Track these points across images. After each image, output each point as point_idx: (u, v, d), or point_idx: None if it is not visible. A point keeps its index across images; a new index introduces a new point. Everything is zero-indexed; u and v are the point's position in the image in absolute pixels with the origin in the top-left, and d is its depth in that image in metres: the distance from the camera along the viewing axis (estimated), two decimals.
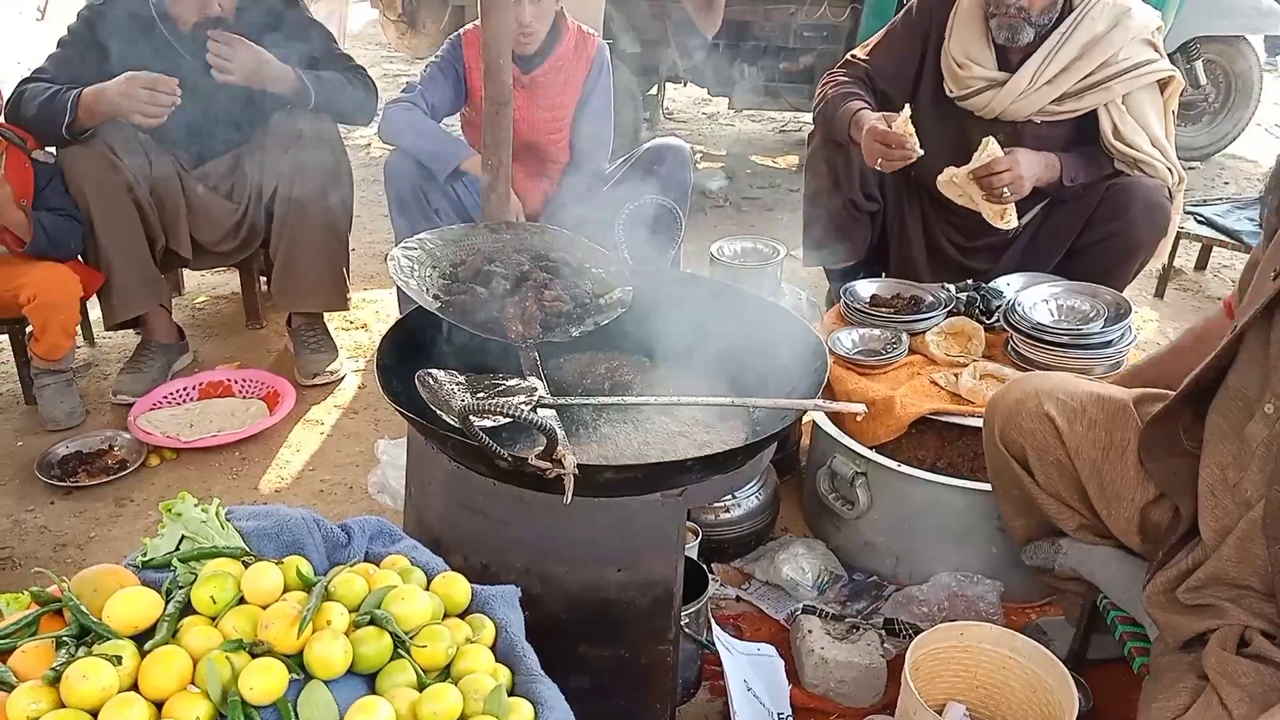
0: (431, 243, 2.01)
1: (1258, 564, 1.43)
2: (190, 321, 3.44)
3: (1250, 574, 1.44)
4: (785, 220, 4.59)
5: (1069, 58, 2.58)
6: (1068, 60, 2.58)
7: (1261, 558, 1.42)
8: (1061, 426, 1.73)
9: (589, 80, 3.04)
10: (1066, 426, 1.73)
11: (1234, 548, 1.45)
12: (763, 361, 1.90)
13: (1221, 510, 1.49)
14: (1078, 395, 1.75)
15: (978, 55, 2.65)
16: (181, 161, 2.95)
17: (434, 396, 1.60)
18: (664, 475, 1.55)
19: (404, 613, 1.09)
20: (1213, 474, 1.51)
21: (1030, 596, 2.21)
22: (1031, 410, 1.77)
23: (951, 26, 2.69)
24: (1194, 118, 5.37)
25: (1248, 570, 1.44)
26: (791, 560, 2.23)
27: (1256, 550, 1.42)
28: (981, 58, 2.65)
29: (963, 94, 2.68)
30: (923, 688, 1.77)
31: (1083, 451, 1.72)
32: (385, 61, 7.64)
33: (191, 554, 1.13)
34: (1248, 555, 1.44)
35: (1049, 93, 2.61)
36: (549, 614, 1.61)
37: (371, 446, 2.66)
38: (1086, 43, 2.57)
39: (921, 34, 2.77)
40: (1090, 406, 1.73)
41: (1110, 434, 1.71)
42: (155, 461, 2.68)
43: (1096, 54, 2.57)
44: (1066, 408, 1.74)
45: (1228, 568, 1.46)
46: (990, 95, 2.64)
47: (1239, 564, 1.45)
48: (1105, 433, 1.71)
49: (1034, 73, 2.58)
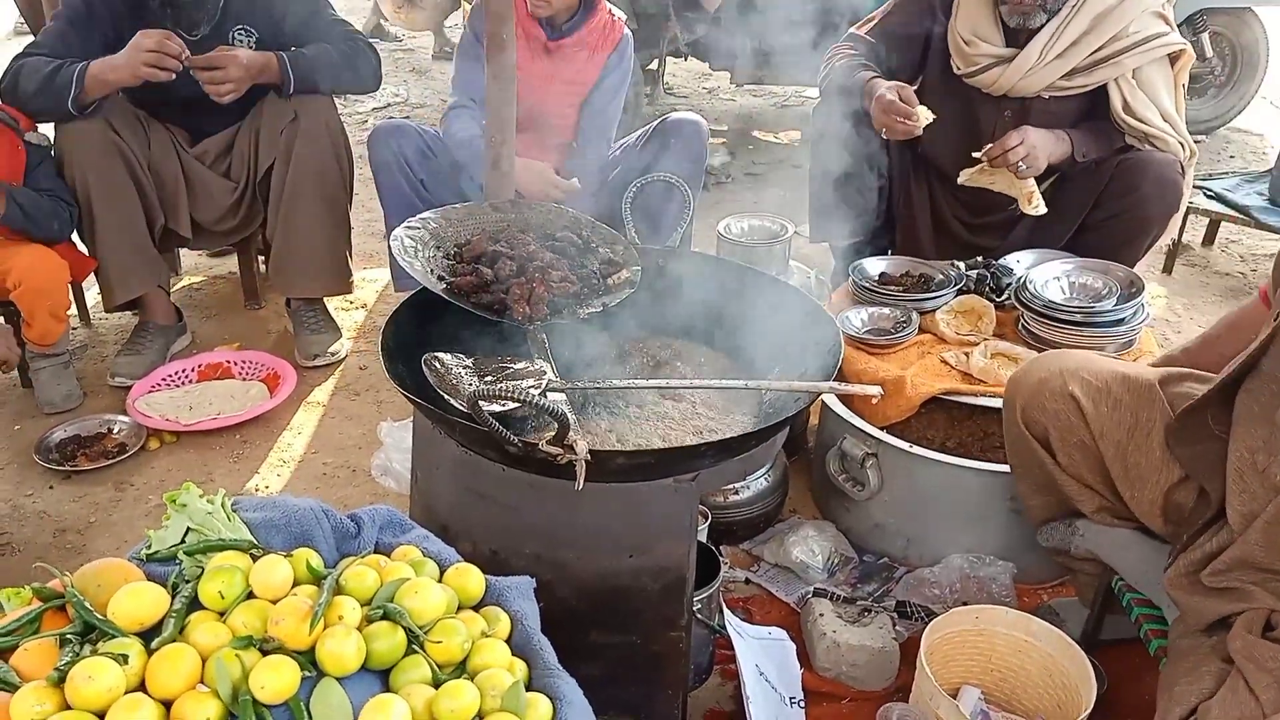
0: (435, 222, 1.97)
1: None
2: (188, 302, 3.39)
3: (1278, 557, 1.42)
4: (789, 196, 4.53)
5: (1079, 31, 2.52)
6: (1077, 34, 2.53)
7: None
8: (1086, 407, 1.70)
9: (609, 63, 3.01)
10: (1092, 407, 1.70)
11: (1261, 532, 1.43)
12: (775, 342, 1.87)
13: (1250, 494, 1.46)
14: (1103, 375, 1.72)
15: (985, 32, 2.60)
16: (179, 139, 2.89)
17: (441, 381, 1.57)
18: (677, 460, 1.52)
19: (417, 606, 1.06)
20: (1241, 458, 1.48)
21: (1042, 577, 2.19)
22: (1055, 390, 1.74)
23: (958, 3, 2.64)
24: (1200, 90, 5.31)
25: (1276, 555, 1.42)
26: (801, 543, 2.20)
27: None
28: (989, 35, 2.59)
29: (970, 71, 2.63)
30: (937, 671, 1.76)
31: (1108, 433, 1.70)
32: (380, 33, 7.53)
33: (197, 547, 1.09)
34: (1276, 540, 1.42)
35: (1059, 68, 2.56)
36: (560, 601, 1.58)
37: (374, 429, 2.63)
38: (1097, 16, 2.52)
39: (928, 10, 2.72)
40: (1116, 386, 1.70)
41: (1136, 415, 1.68)
42: (155, 445, 2.65)
43: (1107, 27, 2.52)
44: (1091, 388, 1.71)
45: (1255, 552, 1.44)
46: (998, 72, 2.58)
47: (1267, 548, 1.43)
48: (1131, 414, 1.68)
49: (1043, 47, 2.53)
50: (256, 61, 2.73)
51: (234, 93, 2.72)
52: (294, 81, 2.76)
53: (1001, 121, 2.63)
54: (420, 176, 2.90)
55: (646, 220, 3.04)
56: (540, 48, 2.91)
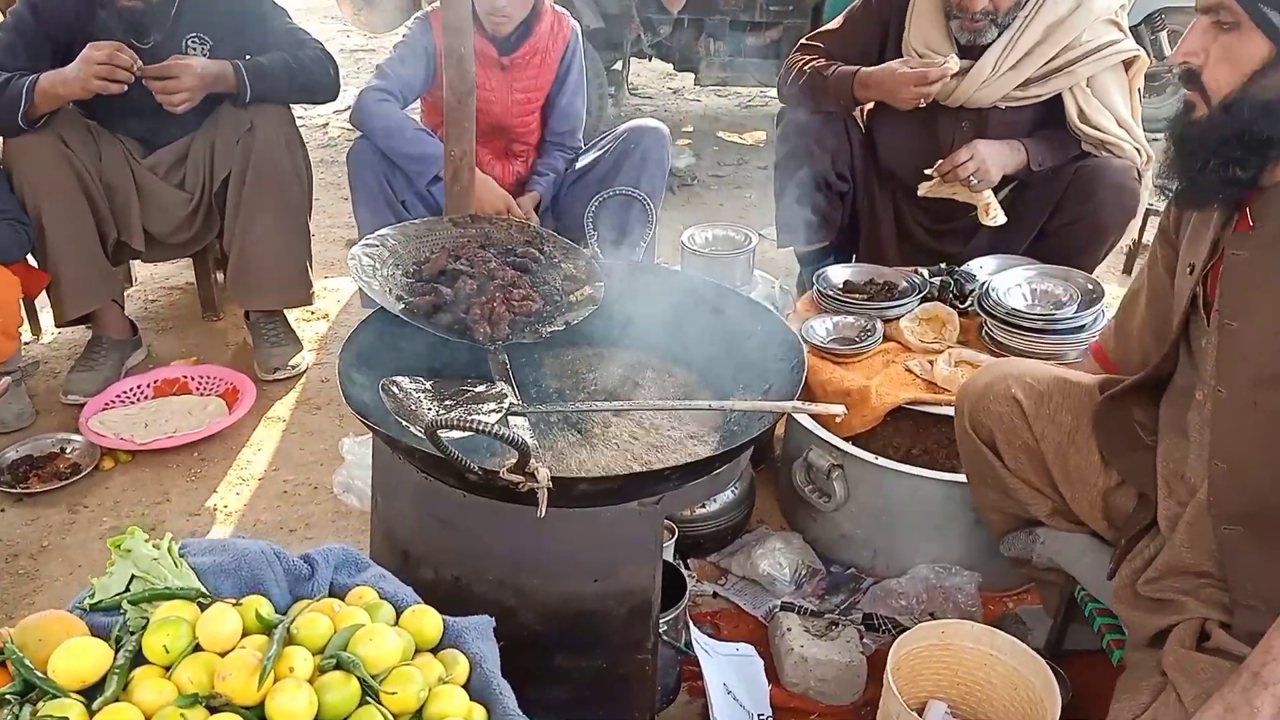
0: (394, 239, 1.93)
1: (1209, 547, 1.46)
2: (143, 315, 3.32)
3: (1204, 558, 1.47)
4: (754, 198, 4.54)
5: (1031, 42, 2.54)
6: (1030, 45, 2.54)
7: (1210, 540, 1.45)
8: (1028, 410, 1.75)
9: (564, 61, 3.00)
10: (1033, 410, 1.75)
11: (1185, 533, 1.48)
12: (739, 359, 1.86)
13: (1175, 499, 1.53)
14: (1044, 379, 1.77)
15: (938, 45, 2.61)
16: (131, 150, 2.83)
17: (399, 407, 1.54)
18: (641, 485, 1.50)
19: (372, 654, 1.03)
20: (1166, 466, 1.56)
21: (1008, 585, 2.20)
22: (999, 394, 1.78)
23: (910, 17, 2.65)
24: (1158, 89, 5.36)
25: (1201, 555, 1.47)
26: (769, 555, 2.20)
27: (1206, 533, 1.45)
28: (942, 48, 2.60)
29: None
30: (904, 687, 1.76)
31: (1048, 435, 1.75)
32: (343, 36, 7.44)
33: (142, 595, 1.06)
34: (1198, 539, 1.47)
35: (1013, 79, 2.58)
36: (525, 626, 1.57)
37: (336, 444, 2.59)
38: (1049, 26, 2.53)
39: (881, 22, 2.73)
40: (1056, 391, 1.75)
41: (1076, 418, 1.73)
42: (109, 464, 2.59)
43: (1059, 37, 2.54)
44: (1033, 391, 1.76)
45: (1182, 554, 1.49)
46: (954, 84, 2.60)
47: (1191, 549, 1.48)
48: (1071, 416, 1.73)
49: (996, 60, 2.55)
50: (211, 70, 2.67)
51: (188, 102, 2.66)
52: (250, 90, 2.71)
53: (960, 132, 2.64)
54: (402, 198, 2.86)
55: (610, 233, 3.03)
56: (493, 63, 2.88)
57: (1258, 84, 1.30)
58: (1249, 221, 1.39)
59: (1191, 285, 1.46)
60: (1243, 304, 1.39)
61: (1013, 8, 2.51)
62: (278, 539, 2.34)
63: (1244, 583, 1.41)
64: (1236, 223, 1.41)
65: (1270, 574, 1.38)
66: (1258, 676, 1.21)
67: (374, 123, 2.81)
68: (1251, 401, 1.37)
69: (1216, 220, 1.44)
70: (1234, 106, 1.32)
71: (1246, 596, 1.41)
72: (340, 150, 4.77)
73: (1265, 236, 1.36)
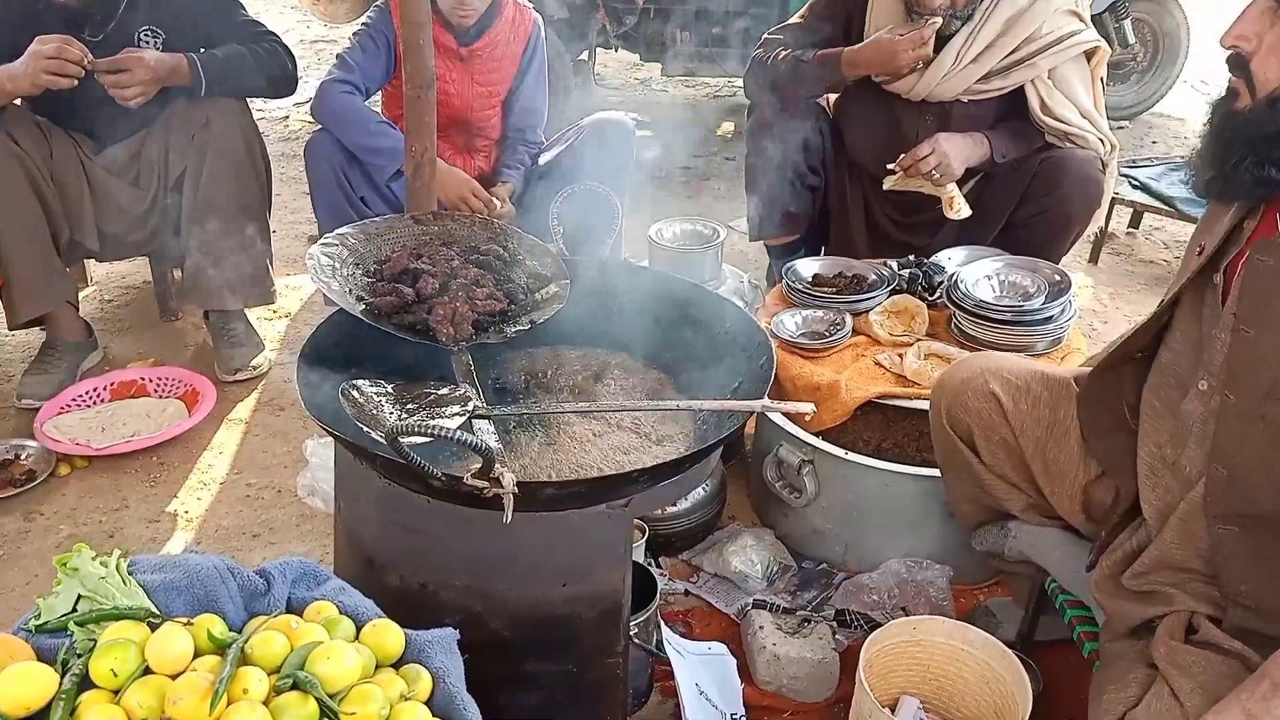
0: (354, 238, 1.89)
1: (1200, 545, 1.43)
2: (98, 315, 3.24)
3: (1193, 556, 1.44)
4: (723, 190, 4.52)
5: (991, 35, 2.54)
6: (990, 38, 2.54)
7: (1203, 538, 1.42)
8: (1006, 404, 1.74)
9: (525, 54, 2.96)
10: (1011, 404, 1.73)
11: (1176, 529, 1.45)
12: (708, 356, 1.84)
13: (1163, 489, 1.49)
14: (1022, 374, 1.76)
15: None
16: (83, 147, 2.75)
17: (360, 412, 1.50)
18: (608, 487, 1.48)
19: (330, 673, 1.00)
20: (1151, 453, 1.52)
21: (979, 578, 2.20)
22: (977, 389, 1.76)
23: (870, 12, 2.64)
24: (1123, 77, 5.40)
25: (1190, 552, 1.45)
26: (740, 552, 2.18)
27: (1198, 531, 1.43)
28: None
29: (885, 78, 2.63)
30: (876, 683, 1.75)
31: (1027, 429, 1.73)
32: (303, 27, 7.32)
33: (89, 616, 1.02)
34: (1190, 536, 1.44)
35: (974, 72, 2.57)
36: (493, 632, 1.54)
37: (300, 446, 2.54)
38: (1009, 19, 2.53)
39: (844, 17, 2.72)
40: (1035, 385, 1.74)
41: (1054, 411, 1.71)
42: (65, 470, 2.52)
43: (1019, 30, 2.54)
44: (1011, 385, 1.74)
45: (1171, 551, 1.46)
46: (915, 78, 2.60)
47: (1181, 546, 1.45)
48: (1049, 410, 1.72)
49: (957, 53, 2.54)
50: (165, 63, 2.60)
51: (141, 96, 2.59)
52: (205, 84, 2.64)
53: (924, 125, 2.64)
54: (361, 194, 2.81)
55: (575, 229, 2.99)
56: (454, 55, 2.83)
57: None
58: (1278, 226, 1.32)
59: (1198, 266, 1.41)
60: (1263, 314, 1.32)
61: (971, 0, 2.50)
62: (240, 544, 2.31)
63: (1237, 583, 1.39)
64: (1262, 223, 1.35)
65: (1264, 576, 1.36)
66: (1278, 687, 1.18)
67: (336, 115, 2.76)
68: (1260, 414, 1.32)
69: (1238, 208, 1.38)
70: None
71: (1239, 596, 1.39)
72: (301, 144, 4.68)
73: None
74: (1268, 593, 1.36)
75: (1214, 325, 1.40)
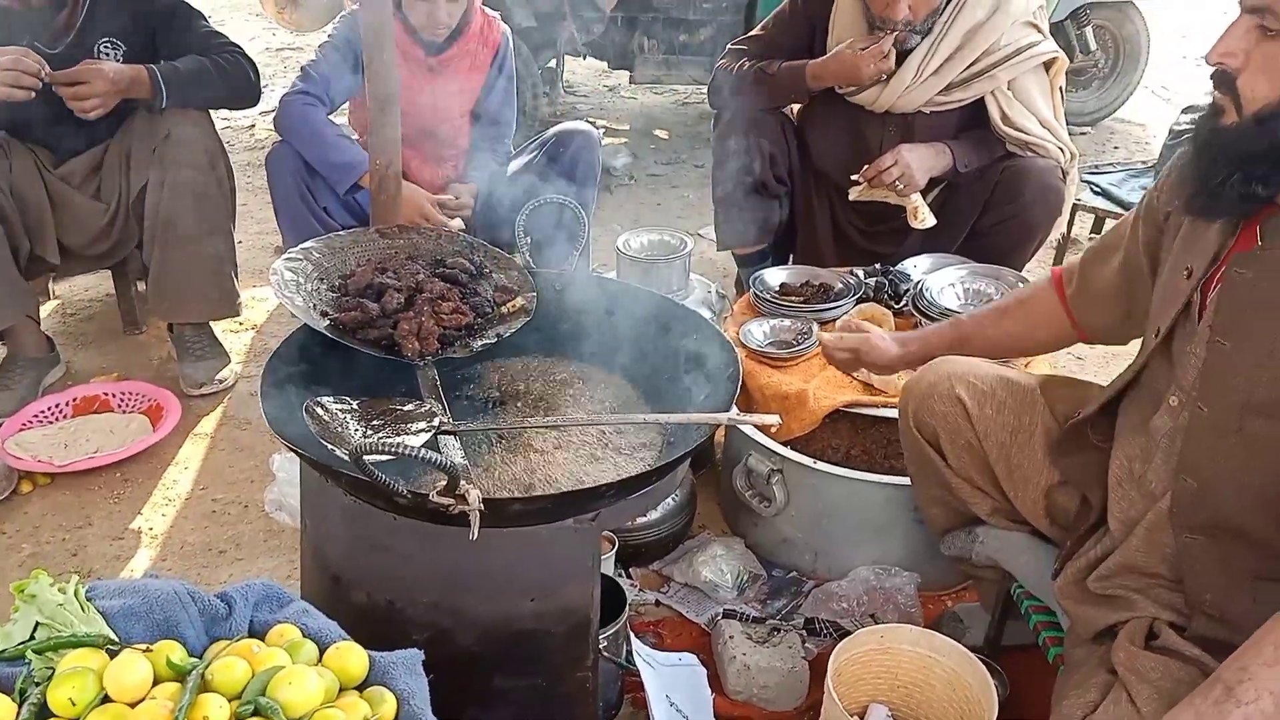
0: (318, 252, 1.88)
1: (1166, 552, 1.45)
2: (61, 329, 3.20)
3: (1158, 562, 1.46)
4: (691, 198, 4.53)
5: (951, 48, 2.58)
6: (950, 51, 2.58)
7: (1169, 546, 1.44)
8: (971, 409, 1.76)
9: (494, 65, 2.96)
10: (976, 409, 1.76)
11: (1142, 538, 1.47)
12: (675, 367, 1.84)
13: (1128, 502, 1.51)
14: (987, 379, 1.78)
15: None
16: (42, 160, 2.72)
17: (324, 430, 1.49)
18: (575, 502, 1.48)
19: (292, 698, 0.99)
20: (1121, 466, 1.54)
21: (947, 584, 2.23)
22: (943, 393, 1.79)
23: (833, 25, 2.66)
24: (1084, 83, 5.48)
25: (1155, 559, 1.46)
26: (710, 562, 2.19)
27: (1164, 540, 1.44)
28: None
29: (850, 90, 2.67)
30: (845, 691, 1.76)
31: (991, 434, 1.76)
32: (268, 34, 7.27)
33: (47, 644, 1.00)
34: (1155, 544, 1.46)
35: (935, 84, 2.61)
36: (462, 648, 1.54)
37: (266, 460, 2.52)
38: (967, 32, 2.57)
39: (808, 28, 2.75)
40: (999, 390, 1.76)
41: (1019, 417, 1.74)
42: (28, 488, 2.48)
43: (978, 42, 2.57)
44: (976, 390, 1.77)
45: (1136, 557, 1.48)
46: (877, 90, 2.63)
47: (1147, 553, 1.47)
48: (1014, 415, 1.74)
49: (918, 66, 2.58)
50: (125, 75, 2.57)
51: (101, 108, 2.56)
52: (166, 96, 2.61)
53: (888, 136, 2.68)
54: (324, 205, 2.79)
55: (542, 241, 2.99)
56: (422, 67, 2.83)
57: None
58: (1257, 240, 1.32)
59: (1188, 291, 1.40)
60: (1240, 326, 1.32)
61: (931, 14, 2.53)
62: (206, 560, 2.28)
63: (1202, 591, 1.40)
64: (1241, 238, 1.35)
65: (1228, 584, 1.38)
66: (1231, 692, 1.17)
67: (295, 128, 2.75)
68: (1236, 426, 1.32)
69: (1222, 226, 1.36)
70: (1268, 120, 1.23)
71: (1204, 605, 1.40)
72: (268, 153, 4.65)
73: (1273, 260, 1.29)
74: (1232, 601, 1.37)
75: (1188, 341, 1.41)
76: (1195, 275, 1.39)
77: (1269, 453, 1.30)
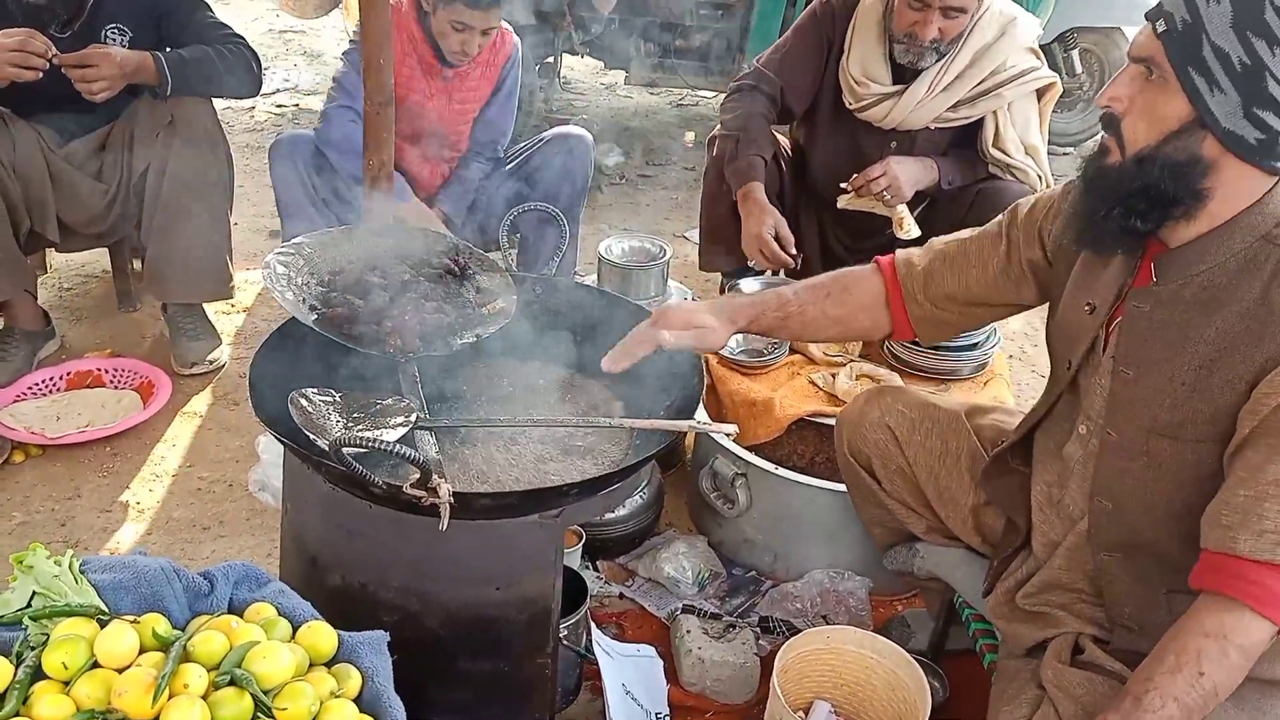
0: (310, 248, 1.96)
1: (1087, 569, 1.56)
2: (57, 303, 3.27)
3: (1081, 579, 1.57)
4: (680, 199, 4.62)
5: (962, 66, 2.62)
6: (960, 69, 2.63)
7: (1090, 564, 1.55)
8: (901, 435, 1.87)
9: (501, 74, 3.02)
10: (905, 435, 1.87)
11: (1064, 558, 1.58)
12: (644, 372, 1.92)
13: (1049, 525, 1.62)
14: (914, 406, 1.89)
15: (875, 73, 2.66)
16: (46, 139, 2.78)
17: (307, 420, 1.58)
18: (540, 499, 1.57)
19: (266, 670, 1.09)
20: (1041, 491, 1.64)
21: (897, 589, 2.32)
22: (873, 422, 1.89)
23: (850, 41, 2.71)
24: (1069, 105, 5.57)
25: (1078, 576, 1.57)
26: (673, 559, 2.29)
27: (1084, 559, 1.55)
28: (878, 75, 2.66)
29: (860, 106, 2.72)
30: (791, 688, 1.86)
31: (919, 459, 1.86)
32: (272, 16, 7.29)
33: (43, 612, 1.10)
34: (1077, 563, 1.56)
35: (945, 100, 2.66)
36: (428, 630, 1.63)
37: (253, 441, 2.60)
38: (977, 51, 2.63)
39: (825, 44, 2.76)
40: (925, 418, 1.87)
41: (945, 442, 1.85)
42: (20, 458, 2.56)
43: (986, 62, 2.64)
44: (905, 418, 1.87)
45: (1060, 575, 1.59)
46: (888, 106, 2.66)
47: (1069, 571, 1.57)
48: (940, 441, 1.85)
49: (931, 83, 2.62)
50: (131, 60, 2.64)
51: (107, 90, 2.62)
52: (171, 83, 2.68)
53: (887, 151, 2.71)
54: (323, 196, 2.86)
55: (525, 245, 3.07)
56: (437, 74, 2.90)
57: (1172, 144, 1.30)
58: (1152, 276, 1.41)
59: (1095, 327, 1.49)
60: (1141, 356, 1.42)
61: (956, 38, 2.58)
62: (190, 536, 2.37)
63: (1121, 605, 1.51)
64: (1139, 274, 1.44)
65: (1145, 598, 1.48)
66: (1139, 702, 1.26)
67: (339, 145, 2.81)
68: (1143, 448, 1.42)
69: (1120, 265, 1.45)
70: (1146, 161, 1.32)
71: (1124, 618, 1.51)
72: (267, 136, 4.72)
73: (1166, 294, 1.39)
74: (1149, 614, 1.48)
75: (1094, 373, 1.52)
76: (1100, 312, 1.49)
77: (1173, 472, 1.41)
